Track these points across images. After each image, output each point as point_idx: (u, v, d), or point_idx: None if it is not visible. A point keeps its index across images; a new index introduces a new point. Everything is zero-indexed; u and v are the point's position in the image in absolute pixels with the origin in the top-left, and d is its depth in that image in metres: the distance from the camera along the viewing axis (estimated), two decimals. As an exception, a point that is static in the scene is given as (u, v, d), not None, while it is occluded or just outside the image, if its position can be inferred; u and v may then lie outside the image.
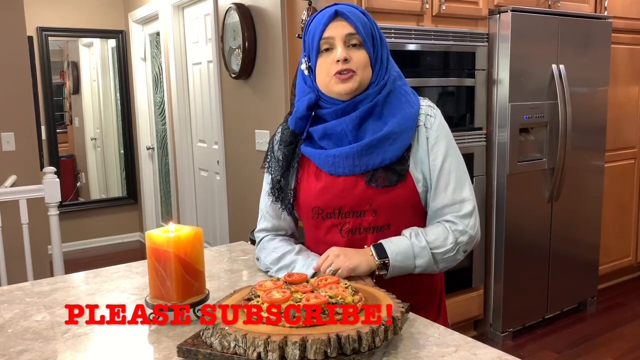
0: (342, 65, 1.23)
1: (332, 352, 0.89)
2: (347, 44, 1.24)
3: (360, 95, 1.26)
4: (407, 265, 1.23)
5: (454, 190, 1.28)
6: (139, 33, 5.02)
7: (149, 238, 1.12)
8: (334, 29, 1.24)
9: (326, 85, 1.27)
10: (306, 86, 1.31)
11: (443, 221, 1.28)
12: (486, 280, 3.15)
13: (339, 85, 1.24)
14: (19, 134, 3.49)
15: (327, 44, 1.25)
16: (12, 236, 2.86)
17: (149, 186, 5.26)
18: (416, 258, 1.23)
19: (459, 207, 1.28)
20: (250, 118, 3.33)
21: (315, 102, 1.30)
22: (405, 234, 1.26)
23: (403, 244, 1.23)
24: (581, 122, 3.23)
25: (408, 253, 1.23)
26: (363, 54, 1.25)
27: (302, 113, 1.30)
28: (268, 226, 1.44)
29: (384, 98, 1.27)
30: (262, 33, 3.10)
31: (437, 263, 1.26)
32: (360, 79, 1.25)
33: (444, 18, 2.84)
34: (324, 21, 1.24)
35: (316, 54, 1.26)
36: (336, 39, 1.24)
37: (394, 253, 1.22)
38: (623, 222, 3.82)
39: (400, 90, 1.29)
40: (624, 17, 3.58)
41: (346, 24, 1.24)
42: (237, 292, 1.11)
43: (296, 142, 1.34)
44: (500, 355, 0.97)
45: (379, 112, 1.26)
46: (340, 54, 1.22)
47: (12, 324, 1.16)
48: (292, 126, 1.33)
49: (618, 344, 3.10)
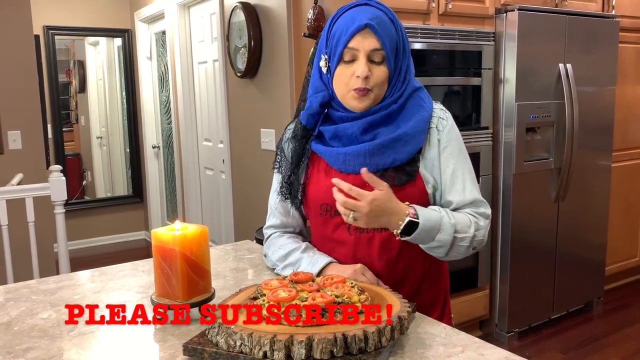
0: (362, 83, 1.21)
1: (339, 352, 0.88)
2: (370, 59, 1.22)
3: (372, 108, 1.25)
4: (430, 235, 1.19)
5: (470, 191, 1.28)
6: (145, 32, 5.03)
7: (155, 236, 1.12)
8: (360, 42, 1.20)
9: (342, 96, 1.26)
10: (321, 82, 1.30)
11: (466, 212, 1.26)
12: (492, 280, 3.14)
13: (354, 102, 1.24)
14: (26, 132, 3.51)
15: (350, 55, 1.22)
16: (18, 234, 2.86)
17: (155, 185, 5.27)
18: (439, 232, 1.19)
19: (477, 206, 1.28)
20: (255, 117, 3.33)
21: (329, 101, 1.29)
22: (435, 208, 1.23)
23: (434, 215, 1.20)
24: (588, 122, 3.21)
25: (436, 224, 1.19)
26: (383, 71, 1.23)
27: (315, 110, 1.29)
28: (277, 223, 1.44)
29: (399, 106, 1.26)
30: (268, 32, 3.09)
31: (452, 247, 1.22)
32: (376, 96, 1.24)
33: (450, 17, 2.83)
34: (351, 30, 1.21)
35: (337, 61, 1.24)
36: (361, 53, 1.21)
37: (424, 218, 1.18)
38: (630, 222, 3.80)
39: (416, 95, 1.29)
40: (631, 16, 3.56)
41: (374, 39, 1.20)
42: (243, 291, 1.10)
43: (307, 137, 1.34)
44: (507, 356, 0.97)
45: (393, 119, 1.26)
46: (362, 72, 1.20)
47: (18, 321, 1.16)
48: (304, 121, 1.32)
49: (625, 345, 3.08)
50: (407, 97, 1.27)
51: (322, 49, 1.29)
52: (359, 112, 1.25)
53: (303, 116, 1.33)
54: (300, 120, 1.34)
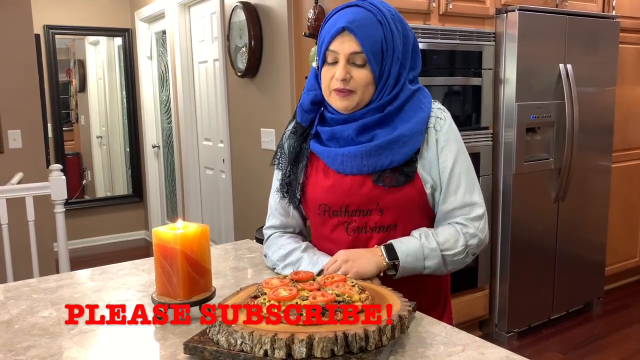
0: (341, 85, 1.22)
1: (339, 350, 0.88)
2: (351, 61, 1.22)
3: (360, 110, 1.25)
4: (417, 266, 1.23)
5: (464, 193, 1.27)
6: (145, 31, 5.03)
7: (156, 235, 1.12)
8: (339, 44, 1.21)
9: (327, 96, 1.28)
10: (315, 81, 1.32)
11: (454, 223, 1.27)
12: (492, 280, 3.14)
13: (337, 102, 1.25)
14: (26, 131, 3.51)
15: (331, 57, 1.23)
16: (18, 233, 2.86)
17: (155, 184, 5.27)
18: (426, 259, 1.22)
19: (469, 209, 1.27)
20: (255, 116, 3.33)
21: (320, 100, 1.31)
22: (415, 235, 1.25)
23: (413, 245, 1.22)
24: (588, 122, 3.21)
25: (418, 254, 1.22)
26: (365, 74, 1.22)
27: (307, 107, 1.32)
28: (276, 223, 1.44)
29: (396, 109, 1.26)
30: (268, 32, 3.09)
31: (447, 265, 1.26)
32: (360, 98, 1.24)
33: (450, 17, 2.83)
34: (332, 33, 1.22)
35: (321, 62, 1.26)
36: (340, 55, 1.22)
37: (404, 254, 1.21)
38: (630, 223, 3.80)
39: (416, 99, 1.28)
40: (632, 16, 3.56)
41: (353, 41, 1.20)
42: (244, 290, 1.11)
43: (304, 135, 1.35)
44: (507, 355, 0.97)
45: (390, 121, 1.26)
46: (339, 74, 1.21)
47: (19, 320, 1.16)
48: (298, 118, 1.35)
49: (624, 345, 3.08)
50: (404, 99, 1.26)
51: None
52: (344, 113, 1.26)
53: (298, 113, 1.35)
54: (296, 118, 1.36)
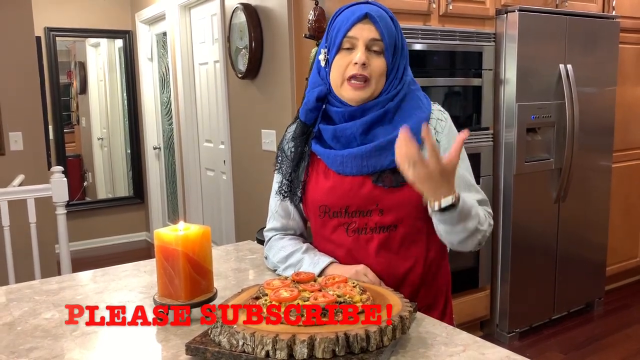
0: (359, 70, 1.22)
1: (340, 351, 0.89)
2: (369, 48, 1.23)
3: (369, 102, 1.25)
4: (460, 218, 1.16)
5: (477, 191, 1.30)
6: (146, 33, 5.04)
7: (158, 236, 1.12)
8: (359, 30, 1.22)
9: (337, 86, 1.26)
10: (319, 77, 1.31)
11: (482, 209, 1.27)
12: (492, 280, 3.14)
13: (349, 92, 1.24)
14: (27, 133, 3.51)
15: (349, 43, 1.24)
16: (19, 235, 2.87)
17: (156, 186, 5.27)
18: (470, 219, 1.18)
19: (486, 205, 1.29)
20: (256, 118, 3.33)
21: (325, 95, 1.30)
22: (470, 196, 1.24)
23: (469, 199, 1.19)
24: (589, 122, 3.21)
25: (469, 210, 1.17)
26: (381, 62, 1.24)
27: (312, 104, 1.30)
28: (277, 225, 1.45)
29: (396, 105, 1.26)
30: (269, 33, 3.10)
31: (469, 237, 1.20)
32: (373, 89, 1.24)
33: (451, 18, 2.84)
34: (352, 19, 1.23)
35: (336, 50, 1.25)
36: (359, 41, 1.22)
37: (462, 201, 1.14)
38: (630, 223, 3.80)
39: (413, 95, 1.29)
40: (632, 16, 3.56)
41: (373, 28, 1.22)
42: (245, 291, 1.11)
43: (307, 134, 1.34)
44: (508, 355, 0.97)
45: (390, 118, 1.26)
46: (360, 58, 1.21)
47: (21, 321, 1.16)
48: (303, 117, 1.33)
49: (625, 345, 3.08)
50: (403, 96, 1.27)
51: (322, 45, 1.31)
52: (354, 105, 1.25)
53: (302, 112, 1.34)
54: (300, 117, 1.35)
